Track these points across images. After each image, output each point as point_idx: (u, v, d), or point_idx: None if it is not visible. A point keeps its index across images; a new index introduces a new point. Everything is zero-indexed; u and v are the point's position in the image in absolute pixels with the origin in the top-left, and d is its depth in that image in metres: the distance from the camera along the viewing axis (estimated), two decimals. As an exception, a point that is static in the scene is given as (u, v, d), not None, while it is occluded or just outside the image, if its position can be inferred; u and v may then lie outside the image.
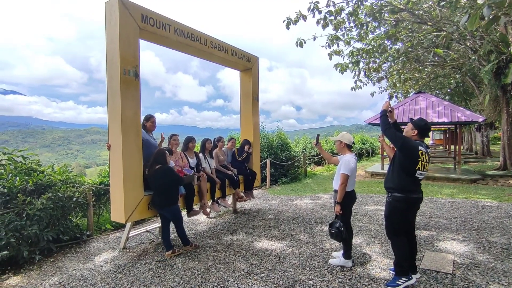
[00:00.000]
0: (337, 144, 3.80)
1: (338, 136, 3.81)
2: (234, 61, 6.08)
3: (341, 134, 3.80)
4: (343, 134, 3.78)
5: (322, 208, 6.77)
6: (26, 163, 4.97)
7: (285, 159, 11.59)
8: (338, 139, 3.77)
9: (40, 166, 5.22)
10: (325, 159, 4.07)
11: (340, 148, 3.78)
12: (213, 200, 5.41)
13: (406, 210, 3.20)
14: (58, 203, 4.54)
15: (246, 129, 6.78)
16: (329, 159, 4.16)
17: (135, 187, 4.09)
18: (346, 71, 15.23)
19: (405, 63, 16.21)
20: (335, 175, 3.78)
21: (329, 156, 4.19)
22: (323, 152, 4.19)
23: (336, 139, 3.79)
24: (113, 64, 3.97)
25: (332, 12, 11.61)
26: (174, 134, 5.07)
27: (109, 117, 4.08)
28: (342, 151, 3.77)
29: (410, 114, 11.35)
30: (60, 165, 5.74)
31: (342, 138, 3.74)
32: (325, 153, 4.21)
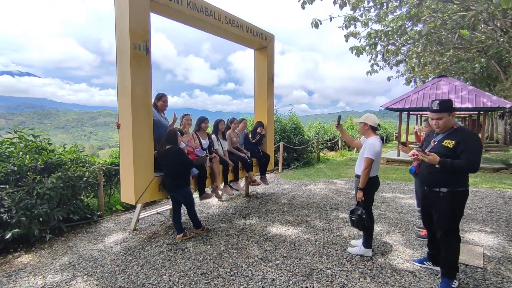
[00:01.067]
0: (360, 126, 3.52)
1: (362, 117, 3.53)
2: (249, 39, 5.77)
3: (365, 115, 3.52)
4: (367, 115, 3.50)
5: (337, 194, 6.55)
6: (37, 142, 4.88)
7: (298, 143, 11.33)
8: (362, 121, 3.49)
9: (50, 145, 5.14)
10: (346, 142, 3.81)
11: (364, 131, 3.51)
12: (225, 183, 5.25)
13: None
14: (68, 182, 4.45)
15: (260, 111, 6.52)
16: (351, 142, 3.89)
17: (145, 168, 3.93)
18: (362, 54, 14.62)
19: (426, 46, 15.45)
20: (358, 159, 3.53)
21: (351, 139, 3.92)
22: (344, 135, 3.92)
23: (360, 121, 3.51)
24: (122, 38, 3.74)
25: (350, -11, 10.99)
26: (187, 114, 4.87)
27: (118, 94, 3.89)
28: (366, 134, 3.50)
29: (431, 99, 10.80)
30: (79, 145, 5.67)
31: (366, 120, 3.46)
32: (346, 136, 3.93)
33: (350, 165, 11.43)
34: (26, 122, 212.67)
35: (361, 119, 3.52)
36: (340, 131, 3.87)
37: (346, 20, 12.36)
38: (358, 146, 3.78)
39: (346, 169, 10.40)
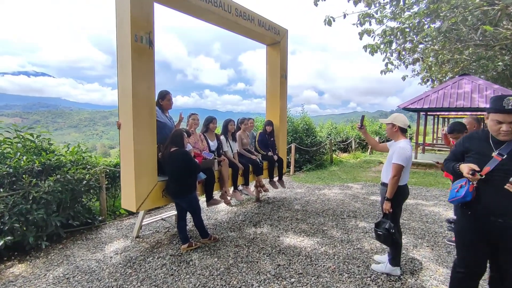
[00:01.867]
0: (388, 127, 3.10)
1: (390, 117, 3.11)
2: (261, 33, 5.39)
3: (394, 116, 3.09)
4: (396, 116, 3.08)
5: (354, 200, 6.11)
6: (36, 142, 4.62)
7: (310, 145, 10.89)
8: (390, 122, 3.07)
9: (51, 146, 4.88)
10: (370, 145, 3.39)
11: (392, 133, 3.09)
12: (235, 187, 4.89)
13: None
14: (67, 185, 4.16)
15: (273, 110, 6.14)
16: (375, 145, 3.47)
17: (147, 172, 3.60)
18: (377, 52, 14.05)
19: (445, 43, 14.78)
20: (385, 165, 3.11)
21: (375, 142, 3.50)
22: (368, 137, 3.49)
23: (388, 122, 3.09)
24: (123, 29, 3.42)
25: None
26: (194, 113, 4.52)
27: (119, 91, 3.58)
28: (394, 136, 3.08)
29: (452, 99, 10.25)
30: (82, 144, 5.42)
31: (395, 120, 3.04)
32: (370, 138, 3.51)
33: (364, 168, 10.93)
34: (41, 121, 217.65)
35: (388, 120, 3.10)
36: (363, 133, 3.46)
37: (361, 17, 11.90)
38: (384, 150, 3.37)
39: (361, 172, 9.92)
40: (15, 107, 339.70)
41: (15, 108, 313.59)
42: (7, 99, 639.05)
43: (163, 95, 4.11)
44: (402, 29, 12.60)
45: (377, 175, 9.29)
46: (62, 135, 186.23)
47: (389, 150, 3.14)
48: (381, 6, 11.99)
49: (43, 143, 4.73)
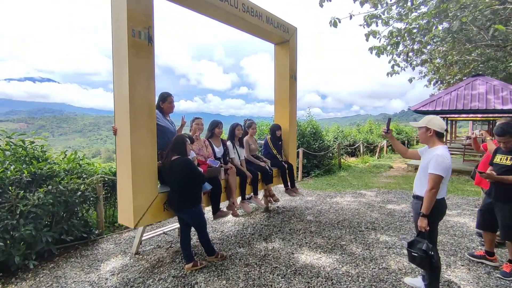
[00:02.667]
0: (421, 131, 2.69)
1: (423, 120, 2.70)
2: (269, 31, 5.02)
3: (428, 118, 2.68)
4: (431, 118, 2.67)
5: (370, 209, 5.68)
6: (28, 149, 4.26)
7: (318, 149, 10.48)
8: (424, 125, 2.66)
9: (44, 153, 4.51)
10: (398, 152, 2.96)
11: (425, 138, 2.68)
12: (243, 197, 4.49)
13: None
14: (59, 197, 3.78)
15: (281, 113, 5.75)
16: (404, 152, 3.05)
17: (147, 183, 3.22)
18: (383, 54, 13.66)
19: (454, 44, 14.37)
20: (418, 175, 2.70)
21: (403, 148, 3.07)
22: (395, 143, 3.07)
23: (420, 125, 2.68)
24: (119, 24, 3.06)
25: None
26: (198, 118, 4.14)
27: (115, 92, 3.21)
28: (428, 142, 2.67)
29: (466, 101, 9.81)
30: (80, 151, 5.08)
31: (429, 124, 2.63)
32: (397, 144, 3.09)
33: (375, 173, 10.49)
34: (46, 126, 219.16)
35: (421, 123, 2.69)
36: (389, 138, 3.05)
37: (367, 18, 11.57)
38: (414, 157, 2.96)
39: (371, 178, 9.47)
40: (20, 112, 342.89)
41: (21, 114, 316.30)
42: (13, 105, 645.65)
43: (164, 97, 3.74)
44: (409, 30, 12.22)
45: (389, 181, 8.85)
46: (67, 140, 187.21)
47: (422, 158, 2.73)
48: (388, 7, 11.65)
49: (36, 151, 4.37)
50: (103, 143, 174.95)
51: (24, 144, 4.27)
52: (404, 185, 8.05)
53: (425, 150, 2.72)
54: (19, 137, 4.44)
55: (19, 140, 4.35)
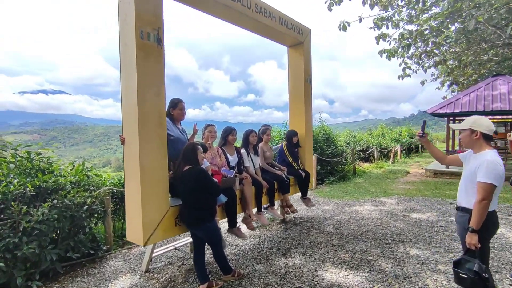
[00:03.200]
0: (465, 135, 2.36)
1: (467, 121, 2.36)
2: (282, 32, 4.78)
3: (473, 119, 2.35)
4: (476, 119, 2.33)
5: (393, 219, 5.31)
6: (33, 162, 4.07)
7: (331, 155, 10.13)
8: (468, 127, 2.33)
9: (51, 165, 4.32)
10: (434, 158, 2.63)
11: (471, 141, 2.34)
12: (259, 208, 4.20)
13: None
14: (65, 212, 3.56)
15: (296, 118, 5.47)
16: (442, 158, 2.71)
17: (157, 196, 2.96)
18: (394, 56, 13.32)
19: (469, 44, 13.94)
20: (462, 184, 2.37)
21: (441, 153, 2.74)
22: (431, 148, 2.73)
23: (464, 127, 2.36)
24: (126, 26, 2.84)
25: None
26: (210, 125, 3.88)
27: (122, 99, 2.98)
28: (474, 146, 2.34)
29: (487, 102, 9.37)
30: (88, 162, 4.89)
31: (475, 125, 2.30)
32: (434, 149, 2.75)
33: (392, 179, 10.07)
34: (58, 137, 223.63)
35: (465, 124, 2.36)
36: (424, 143, 2.72)
37: (376, 21, 11.31)
38: (455, 163, 2.62)
39: (389, 184, 9.07)
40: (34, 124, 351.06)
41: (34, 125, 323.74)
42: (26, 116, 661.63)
43: (175, 104, 3.50)
44: (421, 31, 11.88)
45: (408, 187, 8.43)
46: (78, 150, 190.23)
47: (466, 164, 2.40)
48: (398, 9, 11.38)
49: (41, 163, 4.18)
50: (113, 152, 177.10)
51: (30, 156, 4.08)
52: (426, 192, 7.63)
53: (469, 155, 2.39)
54: (25, 149, 4.27)
55: (25, 152, 4.18)
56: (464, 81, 17.97)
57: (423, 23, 11.93)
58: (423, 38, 11.91)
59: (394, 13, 11.54)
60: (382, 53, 12.64)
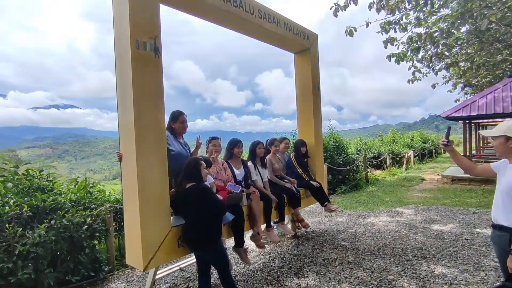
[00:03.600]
0: (499, 142, 2.09)
1: (500, 128, 2.09)
2: (288, 38, 4.58)
3: (506, 125, 2.06)
4: (510, 124, 2.07)
5: (412, 231, 4.97)
6: (32, 179, 3.93)
7: (342, 164, 9.81)
8: (502, 133, 2.06)
9: (51, 182, 4.17)
10: (462, 167, 2.34)
11: (505, 150, 2.07)
12: (268, 224, 3.94)
13: None
14: (64, 233, 3.37)
15: (305, 128, 5.23)
16: (471, 168, 2.40)
17: (158, 216, 2.74)
18: (403, 60, 13.01)
19: (483, 44, 13.55)
20: (499, 199, 2.08)
21: (470, 163, 2.44)
22: (458, 157, 2.41)
23: (497, 134, 2.09)
24: (121, 35, 2.68)
25: (391, -11, 9.81)
26: (215, 138, 3.66)
27: (119, 114, 2.81)
28: (510, 155, 2.07)
29: (506, 103, 8.97)
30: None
31: (509, 131, 2.03)
32: (461, 159, 2.45)
33: (407, 187, 9.67)
34: (69, 150, 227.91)
35: (498, 131, 2.09)
36: (449, 151, 2.44)
37: (384, 25, 11.10)
38: (486, 174, 2.33)
39: (404, 192, 8.68)
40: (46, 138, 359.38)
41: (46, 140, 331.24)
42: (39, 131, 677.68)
43: (176, 117, 3.31)
44: (431, 34, 11.58)
45: (425, 195, 8.04)
46: (88, 163, 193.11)
47: (501, 175, 2.12)
48: (405, 12, 11.13)
49: (42, 180, 4.04)
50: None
51: (30, 174, 3.95)
52: (445, 200, 7.24)
53: (504, 166, 2.11)
54: (25, 167, 4.15)
55: (26, 170, 4.06)
56: (477, 83, 17.50)
57: (432, 25, 11.65)
58: (433, 40, 11.60)
59: (402, 16, 11.32)
60: (390, 57, 12.36)
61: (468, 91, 19.07)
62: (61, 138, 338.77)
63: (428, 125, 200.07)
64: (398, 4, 11.10)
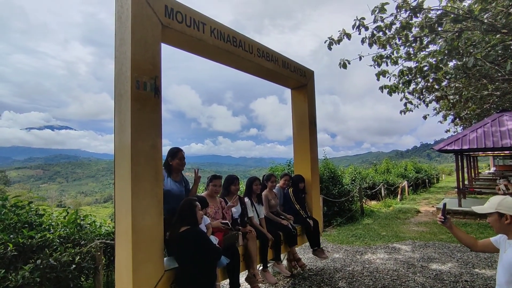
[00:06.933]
0: (493, 219, 2.00)
1: (491, 203, 2.01)
2: (285, 75, 4.69)
3: (497, 200, 1.99)
4: (502, 200, 1.97)
5: (411, 270, 4.85)
6: (20, 214, 3.79)
7: (337, 195, 9.74)
8: (493, 210, 1.98)
9: (40, 217, 4.03)
10: (464, 244, 2.29)
11: (502, 226, 1.97)
12: (264, 265, 3.81)
13: None
14: (49, 273, 3.21)
15: (302, 163, 5.22)
16: (473, 244, 2.24)
17: (151, 260, 2.63)
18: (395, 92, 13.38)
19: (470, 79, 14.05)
20: (501, 274, 1.95)
21: (471, 239, 2.28)
22: (458, 234, 2.29)
23: (489, 210, 2.01)
24: (122, 75, 2.71)
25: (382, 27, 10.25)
26: (216, 177, 3.55)
27: (115, 150, 2.78)
28: (508, 232, 1.97)
29: (496, 138, 9.15)
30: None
31: (502, 208, 1.94)
32: (462, 235, 2.29)
33: (402, 220, 9.59)
34: (61, 172, 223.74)
35: (489, 208, 2.01)
36: (448, 228, 2.30)
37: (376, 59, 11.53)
38: (488, 250, 2.21)
39: (400, 226, 8.58)
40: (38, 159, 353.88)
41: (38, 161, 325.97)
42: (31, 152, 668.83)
43: (174, 153, 3.28)
44: (420, 68, 12.01)
45: (422, 230, 7.96)
46: (80, 185, 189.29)
47: (501, 251, 2.03)
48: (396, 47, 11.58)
49: (29, 214, 3.90)
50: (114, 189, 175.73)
51: (19, 206, 3.82)
52: (441, 235, 7.16)
53: (504, 241, 1.98)
54: (14, 199, 4.02)
55: (14, 202, 3.93)
56: (466, 115, 17.95)
57: (422, 60, 12.11)
58: (423, 74, 12.02)
59: (393, 51, 11.76)
60: (383, 88, 12.72)
61: (458, 122, 19.52)
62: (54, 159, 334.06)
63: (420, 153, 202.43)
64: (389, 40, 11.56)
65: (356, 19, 9.29)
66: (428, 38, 11.26)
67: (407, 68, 12.14)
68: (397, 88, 13.33)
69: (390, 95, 13.44)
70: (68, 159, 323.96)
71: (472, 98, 16.17)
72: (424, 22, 9.90)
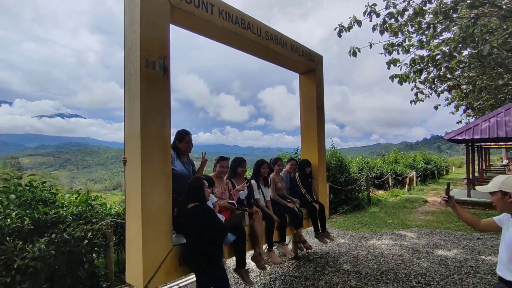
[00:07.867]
0: (496, 197, 2.02)
1: (495, 183, 2.03)
2: (294, 59, 4.67)
3: (501, 179, 2.01)
4: (506, 179, 1.99)
5: (416, 256, 4.88)
6: (35, 191, 3.93)
7: (344, 183, 9.75)
8: (497, 189, 1.99)
9: (53, 195, 4.17)
10: (467, 223, 2.31)
11: (504, 205, 1.99)
12: (270, 245, 3.89)
13: None
14: (64, 247, 3.34)
15: (309, 147, 5.24)
16: (476, 223, 2.28)
17: (160, 235, 2.72)
18: (406, 81, 13.15)
19: (485, 68, 13.71)
20: (503, 252, 1.99)
21: (474, 218, 2.31)
22: (461, 213, 2.32)
23: (492, 190, 2.02)
24: (132, 54, 2.75)
25: (394, 13, 10.00)
26: (223, 158, 3.63)
27: (125, 130, 2.84)
28: (509, 209, 2.00)
29: (509, 128, 8.96)
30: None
31: (506, 186, 1.96)
32: (465, 214, 2.32)
33: (409, 209, 9.57)
34: (71, 159, 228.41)
35: (492, 186, 2.03)
36: (452, 207, 2.34)
37: (387, 47, 11.30)
38: (492, 229, 2.22)
39: (407, 214, 8.58)
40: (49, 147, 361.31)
41: (49, 148, 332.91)
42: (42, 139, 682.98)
43: (182, 136, 3.32)
44: (433, 56, 11.75)
45: (429, 218, 7.94)
46: (90, 172, 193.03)
47: (504, 230, 2.04)
48: (408, 35, 11.33)
49: (44, 192, 4.04)
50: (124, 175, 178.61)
51: (33, 185, 3.96)
52: (448, 224, 7.14)
53: (507, 220, 2.01)
54: (29, 178, 4.16)
55: (28, 181, 4.07)
56: (479, 106, 17.58)
57: (434, 48, 11.83)
58: (435, 63, 11.76)
59: (405, 39, 11.52)
60: (393, 77, 12.50)
61: (470, 113, 19.13)
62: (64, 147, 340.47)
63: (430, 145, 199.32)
64: (401, 27, 11.31)
65: (368, 5, 9.12)
66: (442, 25, 11.02)
67: (419, 57, 11.89)
68: (408, 77, 13.10)
69: (400, 84, 13.22)
70: (78, 147, 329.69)
71: (486, 88, 15.80)
72: (438, 8, 9.66)
